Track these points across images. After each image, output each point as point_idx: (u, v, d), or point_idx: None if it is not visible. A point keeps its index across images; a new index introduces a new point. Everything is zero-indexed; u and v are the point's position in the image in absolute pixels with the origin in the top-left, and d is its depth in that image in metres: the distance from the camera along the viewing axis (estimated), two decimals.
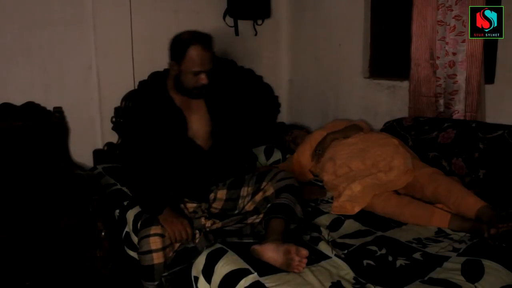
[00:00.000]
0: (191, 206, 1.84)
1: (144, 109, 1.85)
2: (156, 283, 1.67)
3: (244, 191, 1.86)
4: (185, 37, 1.78)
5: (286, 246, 1.48)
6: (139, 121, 1.84)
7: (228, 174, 1.93)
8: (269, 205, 1.74)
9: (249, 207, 1.81)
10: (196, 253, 1.65)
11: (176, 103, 1.85)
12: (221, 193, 1.89)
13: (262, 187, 1.80)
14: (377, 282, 1.37)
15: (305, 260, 1.45)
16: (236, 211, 1.85)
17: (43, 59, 2.39)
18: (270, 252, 1.50)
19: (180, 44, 1.77)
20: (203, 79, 1.77)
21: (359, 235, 1.74)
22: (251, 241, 1.67)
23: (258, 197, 1.80)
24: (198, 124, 1.88)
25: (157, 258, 1.65)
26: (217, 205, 1.89)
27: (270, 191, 1.77)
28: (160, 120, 1.81)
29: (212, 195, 1.89)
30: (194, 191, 1.87)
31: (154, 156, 1.81)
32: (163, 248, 1.65)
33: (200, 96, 1.85)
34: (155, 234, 1.65)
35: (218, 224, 1.75)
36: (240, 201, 1.86)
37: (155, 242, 1.65)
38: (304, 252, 1.46)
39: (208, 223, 1.75)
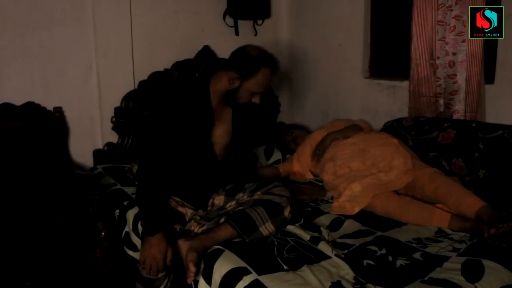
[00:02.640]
0: (189, 211, 1.82)
1: (182, 102, 1.75)
2: None
3: (239, 196, 1.83)
4: (257, 56, 1.71)
5: (190, 253, 1.48)
6: (172, 112, 1.73)
7: (230, 180, 1.91)
8: (239, 208, 1.71)
9: (233, 207, 1.80)
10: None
11: (212, 105, 1.80)
12: (219, 199, 1.86)
13: (254, 196, 1.77)
14: (377, 282, 1.37)
15: (191, 275, 1.45)
16: None
17: (43, 59, 2.39)
18: (184, 251, 1.52)
19: (251, 62, 1.70)
20: (257, 99, 1.75)
21: (359, 235, 1.73)
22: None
23: (242, 199, 1.79)
24: (220, 134, 1.85)
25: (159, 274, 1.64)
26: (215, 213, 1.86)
27: (254, 198, 1.74)
28: (191, 115, 1.73)
29: (210, 202, 1.87)
30: (194, 197, 1.84)
31: (171, 153, 1.71)
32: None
33: (241, 108, 1.82)
34: None
35: (204, 228, 1.72)
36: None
37: None
38: (192, 269, 1.45)
39: (198, 229, 1.73)
